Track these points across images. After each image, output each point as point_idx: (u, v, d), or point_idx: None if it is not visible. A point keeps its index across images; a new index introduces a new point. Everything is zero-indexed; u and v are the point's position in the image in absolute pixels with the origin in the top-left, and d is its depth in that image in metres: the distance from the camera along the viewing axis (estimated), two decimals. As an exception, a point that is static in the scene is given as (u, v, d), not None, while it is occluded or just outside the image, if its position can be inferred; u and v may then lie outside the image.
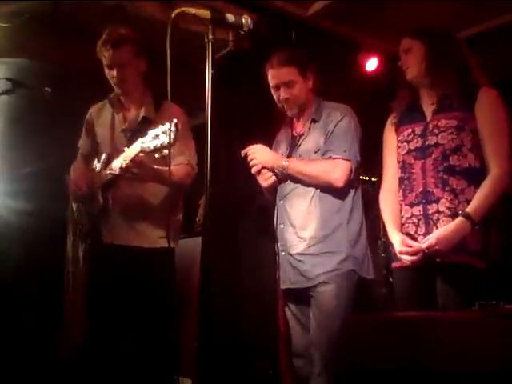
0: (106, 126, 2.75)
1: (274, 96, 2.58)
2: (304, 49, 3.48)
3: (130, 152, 2.39)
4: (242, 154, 2.56)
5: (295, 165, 2.50)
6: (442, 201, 2.16)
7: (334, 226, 2.46)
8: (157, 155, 2.27)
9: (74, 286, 3.17)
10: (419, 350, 1.76)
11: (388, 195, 2.37)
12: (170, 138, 2.15)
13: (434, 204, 2.18)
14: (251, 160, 2.53)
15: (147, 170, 2.46)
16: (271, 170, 2.53)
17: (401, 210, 2.29)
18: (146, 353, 2.57)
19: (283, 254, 2.54)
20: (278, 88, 2.54)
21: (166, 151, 2.21)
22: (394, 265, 2.32)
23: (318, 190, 2.48)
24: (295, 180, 2.51)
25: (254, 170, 2.54)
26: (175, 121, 2.14)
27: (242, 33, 1.90)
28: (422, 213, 2.20)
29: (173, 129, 2.15)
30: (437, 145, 2.19)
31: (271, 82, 2.55)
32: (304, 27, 3.78)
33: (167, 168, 2.49)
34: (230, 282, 3.61)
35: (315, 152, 2.51)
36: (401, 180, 2.31)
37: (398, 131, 2.37)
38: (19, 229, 3.36)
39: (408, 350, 1.79)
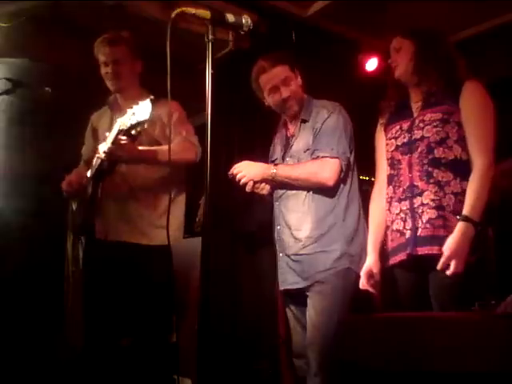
0: (105, 129, 2.76)
1: (273, 99, 2.55)
2: (304, 49, 3.52)
3: (111, 134, 2.42)
4: (230, 176, 2.52)
5: (283, 171, 2.49)
6: (426, 193, 2.15)
7: (329, 225, 2.45)
8: (133, 132, 2.30)
9: (74, 286, 3.17)
10: (419, 350, 1.76)
11: (377, 204, 2.37)
12: (148, 114, 2.21)
13: (418, 197, 2.18)
14: (240, 179, 2.49)
15: (132, 152, 2.46)
16: (262, 181, 2.50)
17: (390, 208, 2.29)
18: (145, 352, 2.57)
19: (281, 255, 2.55)
20: (276, 89, 2.52)
21: (144, 126, 2.27)
22: (386, 263, 2.31)
23: (311, 191, 2.48)
24: (287, 185, 2.51)
25: (248, 189, 2.50)
26: (151, 97, 2.20)
27: (242, 33, 1.89)
28: (408, 207, 2.20)
29: (149, 104, 2.20)
30: (422, 138, 2.20)
31: (268, 85, 2.53)
32: (304, 27, 3.78)
33: (158, 147, 2.53)
34: (230, 281, 3.61)
35: (305, 152, 2.51)
36: (390, 176, 2.31)
37: (386, 130, 2.39)
38: (19, 229, 3.36)
39: (408, 350, 1.79)
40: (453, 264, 2.00)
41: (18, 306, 3.37)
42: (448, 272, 2.01)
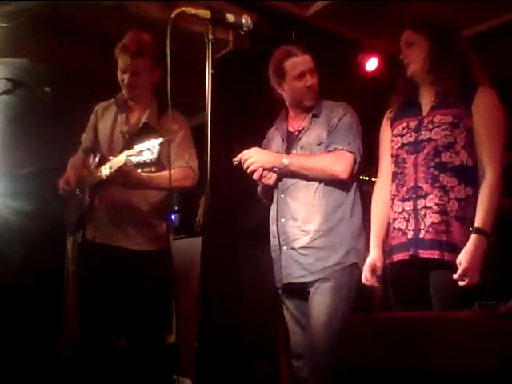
0: (108, 125, 2.76)
1: (297, 85, 2.52)
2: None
3: (116, 162, 2.41)
4: (235, 162, 2.49)
5: (297, 160, 2.47)
6: (431, 197, 2.14)
7: (338, 219, 2.45)
8: (139, 170, 2.28)
9: (74, 286, 3.17)
10: (419, 350, 1.76)
11: (380, 198, 2.36)
12: (153, 157, 2.17)
13: (422, 199, 2.16)
14: (250, 165, 2.45)
15: (133, 179, 2.46)
16: (271, 169, 2.49)
17: (392, 205, 2.28)
18: (144, 353, 2.57)
19: (285, 248, 2.51)
20: (303, 75, 2.51)
21: (151, 168, 2.23)
22: (387, 261, 2.31)
23: (322, 183, 2.47)
24: (298, 176, 2.48)
25: (256, 176, 2.46)
26: (161, 140, 2.16)
27: (242, 33, 1.90)
28: (411, 208, 2.19)
29: (157, 147, 2.16)
30: (429, 140, 2.17)
31: (296, 69, 2.51)
32: (304, 27, 3.78)
33: (158, 174, 2.49)
34: (230, 281, 3.61)
35: (318, 145, 2.50)
36: (394, 174, 2.29)
37: (392, 126, 2.35)
38: (19, 229, 3.36)
39: (408, 350, 1.79)
40: (468, 276, 1.99)
41: (18, 305, 3.37)
42: (462, 283, 2.00)
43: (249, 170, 2.47)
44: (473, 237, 2.04)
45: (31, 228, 3.36)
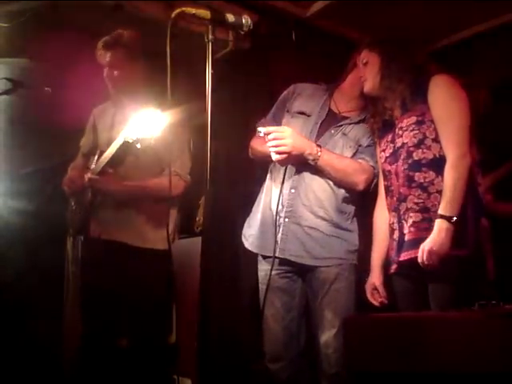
0: (107, 123, 2.78)
1: None
2: (304, 49, 3.51)
3: (108, 153, 2.44)
4: (259, 133, 2.31)
5: (328, 156, 2.35)
6: (410, 198, 2.16)
7: (346, 216, 2.45)
8: (138, 145, 2.27)
9: (74, 286, 3.17)
10: (418, 350, 1.76)
11: (380, 217, 2.38)
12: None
13: (403, 203, 2.19)
14: (278, 145, 2.28)
15: (109, 187, 2.52)
16: (294, 156, 2.31)
17: (389, 217, 2.31)
18: (144, 353, 2.57)
19: (287, 220, 2.42)
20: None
21: (149, 142, 2.24)
22: (387, 272, 2.32)
23: None
24: (317, 169, 2.37)
25: (277, 158, 2.31)
26: (159, 110, 2.17)
27: (242, 33, 1.90)
28: (397, 214, 2.22)
29: (158, 117, 2.19)
30: (403, 145, 2.21)
31: None
32: (304, 27, 3.78)
33: (145, 183, 2.56)
34: (230, 281, 3.61)
35: (355, 143, 2.45)
36: (386, 188, 2.33)
37: (379, 145, 2.40)
38: (20, 229, 3.36)
39: (408, 350, 1.79)
40: (431, 259, 2.02)
41: (17, 306, 3.37)
42: (425, 264, 2.03)
43: (274, 150, 2.31)
44: (435, 222, 2.05)
45: (31, 228, 3.36)
